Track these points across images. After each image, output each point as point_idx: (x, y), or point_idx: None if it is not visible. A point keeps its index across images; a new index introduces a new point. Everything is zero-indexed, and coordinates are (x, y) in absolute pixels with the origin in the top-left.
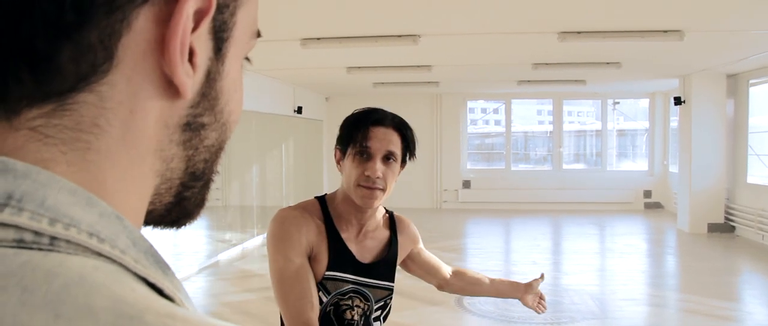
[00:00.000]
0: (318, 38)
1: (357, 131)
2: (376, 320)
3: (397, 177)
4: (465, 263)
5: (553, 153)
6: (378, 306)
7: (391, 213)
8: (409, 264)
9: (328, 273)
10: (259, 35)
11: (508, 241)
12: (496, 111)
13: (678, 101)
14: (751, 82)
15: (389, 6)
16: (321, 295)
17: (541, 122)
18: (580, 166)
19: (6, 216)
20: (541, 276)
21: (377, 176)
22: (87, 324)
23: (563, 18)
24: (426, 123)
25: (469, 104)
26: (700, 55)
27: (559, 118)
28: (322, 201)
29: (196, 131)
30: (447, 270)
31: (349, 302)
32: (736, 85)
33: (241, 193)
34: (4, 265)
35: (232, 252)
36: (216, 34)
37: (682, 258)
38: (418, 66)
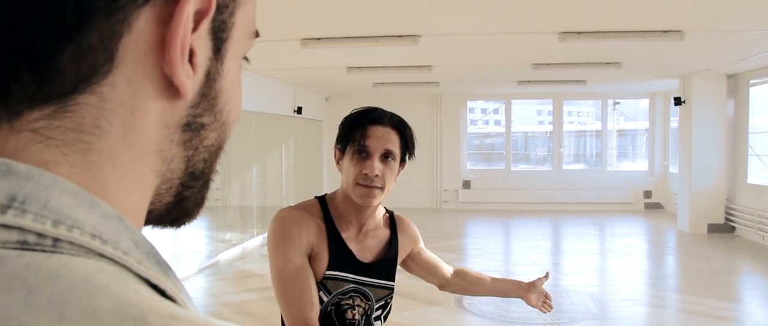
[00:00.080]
0: (318, 38)
1: (355, 130)
2: (377, 319)
3: (397, 176)
4: (465, 263)
5: (553, 153)
6: (379, 306)
7: (392, 212)
8: (409, 263)
9: (329, 272)
10: (257, 35)
11: (508, 242)
12: (496, 111)
13: (678, 101)
14: (751, 82)
15: (389, 6)
16: (322, 295)
17: (541, 122)
18: (580, 167)
19: (9, 218)
20: (546, 276)
21: (375, 174)
22: (91, 325)
23: (563, 18)
24: (426, 123)
25: (469, 104)
26: (700, 56)
27: (559, 119)
28: (323, 200)
29: (196, 131)
30: (448, 270)
31: (350, 301)
32: (737, 86)
33: (241, 193)
34: (8, 267)
35: (232, 252)
36: (215, 35)
37: (682, 258)
38: (418, 66)
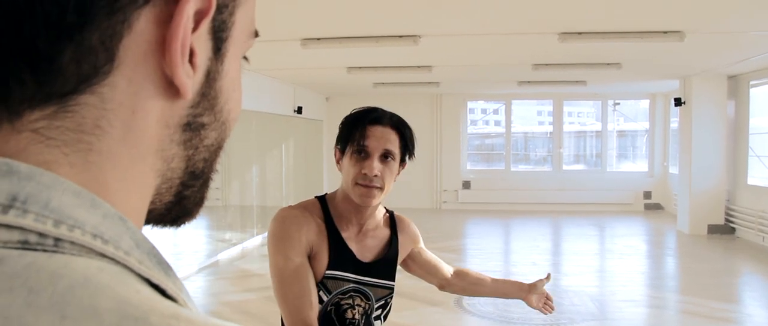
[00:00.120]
0: (318, 38)
1: (355, 130)
2: (377, 319)
3: (397, 176)
4: (465, 264)
5: (553, 154)
6: (379, 305)
7: (392, 212)
8: (409, 263)
9: (329, 272)
10: (256, 35)
11: (508, 242)
12: (496, 111)
13: (678, 102)
14: (751, 83)
15: (390, 6)
16: (322, 294)
17: (541, 123)
18: (580, 167)
19: (11, 218)
20: (547, 277)
21: (374, 174)
22: (92, 325)
23: (564, 19)
24: (426, 123)
25: (470, 105)
26: (700, 56)
27: (559, 119)
28: (323, 200)
29: (197, 131)
30: (448, 270)
31: (350, 301)
32: (737, 86)
33: (241, 193)
34: (10, 267)
35: (232, 252)
36: (215, 34)
37: (682, 259)
38: (419, 66)
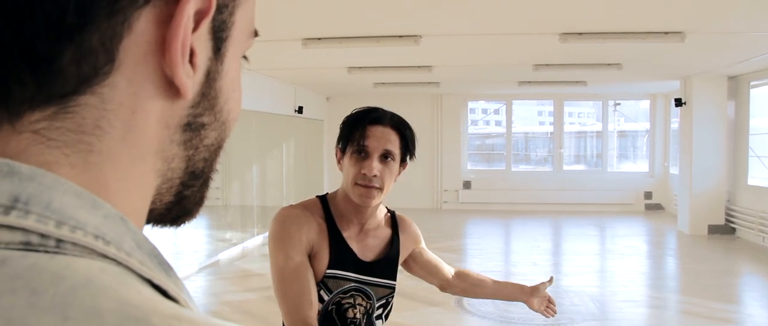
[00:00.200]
0: (319, 38)
1: (355, 130)
2: (378, 318)
3: (398, 176)
4: (465, 264)
5: (554, 154)
6: (380, 304)
7: (393, 212)
8: (410, 264)
9: (330, 271)
10: (256, 34)
11: (509, 242)
12: (497, 112)
13: (679, 103)
14: (752, 83)
15: (390, 6)
16: (323, 294)
17: (541, 123)
18: (581, 167)
19: (13, 219)
20: (550, 280)
21: (374, 174)
22: None
23: (564, 19)
24: (426, 123)
25: (470, 105)
26: (701, 57)
27: (560, 119)
28: (324, 200)
29: (197, 131)
30: (449, 271)
31: (351, 300)
32: (737, 87)
33: (241, 193)
34: (12, 268)
35: (233, 252)
36: (215, 34)
37: (682, 259)
38: (419, 66)
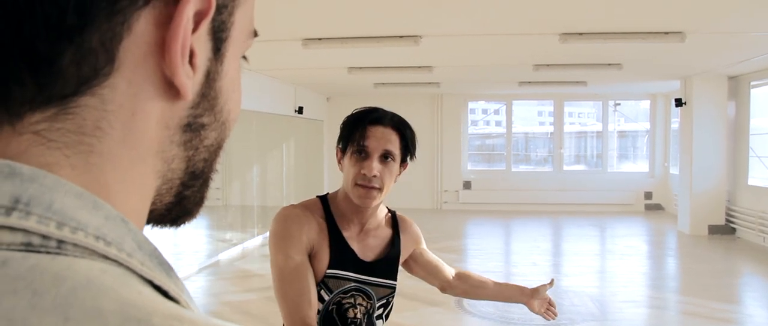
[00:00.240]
0: (319, 38)
1: (355, 130)
2: (378, 318)
3: (398, 176)
4: (465, 264)
5: (554, 154)
6: (380, 304)
7: (394, 212)
8: (411, 264)
9: (330, 271)
10: (256, 34)
11: (509, 243)
12: (497, 112)
13: (679, 103)
14: (752, 83)
15: (391, 7)
16: (323, 294)
17: (541, 123)
18: (581, 168)
19: (14, 220)
20: (551, 282)
21: (373, 175)
22: None
23: (564, 19)
24: (427, 123)
25: (470, 105)
26: (701, 57)
27: (560, 119)
28: (324, 200)
29: (197, 131)
30: (450, 272)
31: (352, 300)
32: (738, 87)
33: (241, 193)
34: (13, 269)
35: (233, 252)
36: (215, 35)
37: (682, 260)
38: (420, 67)
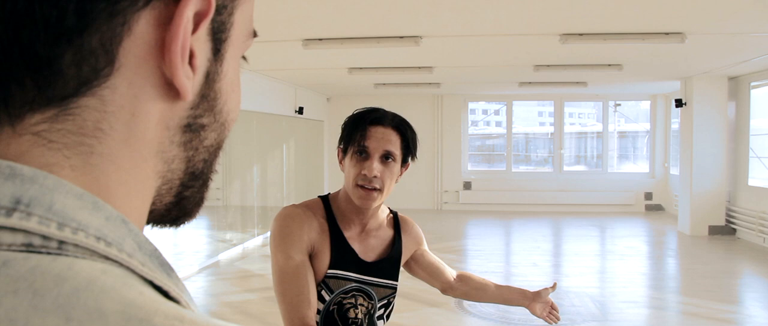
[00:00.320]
0: (320, 39)
1: (356, 130)
2: (379, 318)
3: (399, 177)
4: (465, 265)
5: (554, 154)
6: (381, 305)
7: (395, 213)
8: (412, 266)
9: (331, 271)
10: (255, 35)
11: (509, 243)
12: (497, 112)
13: (679, 103)
14: (752, 84)
15: (391, 7)
16: (324, 294)
17: (542, 124)
18: (581, 168)
19: (15, 221)
20: (553, 286)
21: (374, 175)
22: None
23: (565, 20)
24: (427, 124)
25: (470, 105)
26: (701, 58)
27: (560, 120)
28: (326, 200)
29: (196, 132)
30: (451, 274)
31: (353, 300)
32: (738, 88)
33: (241, 193)
34: (15, 269)
35: (233, 252)
36: (215, 36)
37: (682, 260)
38: (420, 67)
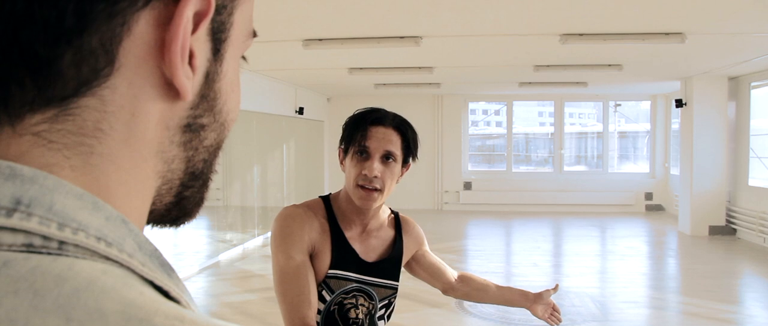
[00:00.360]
0: (320, 39)
1: (357, 130)
2: (380, 319)
3: (400, 177)
4: (466, 265)
5: (554, 155)
6: (382, 305)
7: (397, 213)
8: (413, 266)
9: (332, 271)
10: (255, 35)
11: (509, 243)
12: (498, 112)
13: (679, 103)
14: (752, 84)
15: (391, 7)
16: (325, 294)
17: (542, 124)
18: (581, 168)
19: (15, 222)
20: (555, 287)
21: (374, 175)
22: None
23: (565, 20)
24: (427, 124)
25: (471, 105)
26: (701, 58)
27: (561, 120)
28: (327, 200)
29: (196, 132)
30: (452, 275)
31: (354, 301)
32: (738, 88)
33: (242, 194)
34: (15, 270)
35: (233, 253)
36: (214, 36)
37: (683, 260)
38: (420, 67)
